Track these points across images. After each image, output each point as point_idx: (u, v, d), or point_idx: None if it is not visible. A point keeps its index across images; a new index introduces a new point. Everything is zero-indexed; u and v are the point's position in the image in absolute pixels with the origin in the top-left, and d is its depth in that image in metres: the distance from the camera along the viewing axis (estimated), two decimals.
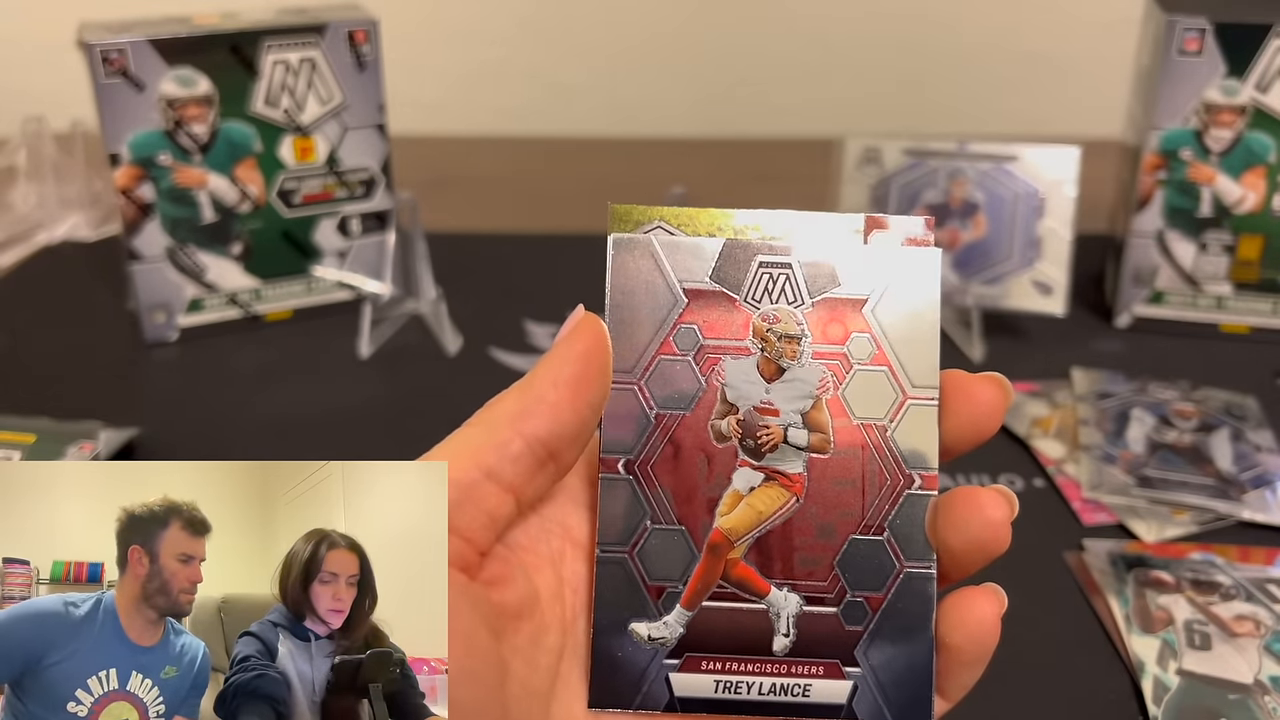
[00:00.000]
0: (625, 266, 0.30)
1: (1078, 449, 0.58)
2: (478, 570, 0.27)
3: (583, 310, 0.29)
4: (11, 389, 0.65)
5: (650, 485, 0.30)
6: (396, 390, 0.65)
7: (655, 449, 0.30)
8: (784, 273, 0.30)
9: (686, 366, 0.30)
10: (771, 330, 0.30)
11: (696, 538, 0.30)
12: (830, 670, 0.30)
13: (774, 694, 0.30)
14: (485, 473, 0.27)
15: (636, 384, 0.30)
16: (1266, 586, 0.48)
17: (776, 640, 0.30)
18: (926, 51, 1.05)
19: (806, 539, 0.30)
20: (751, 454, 0.30)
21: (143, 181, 0.66)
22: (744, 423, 0.30)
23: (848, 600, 0.30)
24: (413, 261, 0.71)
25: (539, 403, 0.28)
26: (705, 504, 0.30)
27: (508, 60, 1.08)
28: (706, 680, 0.30)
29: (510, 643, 0.27)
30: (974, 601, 0.29)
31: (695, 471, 0.30)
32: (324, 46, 0.68)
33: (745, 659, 0.30)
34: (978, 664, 0.29)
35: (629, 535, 0.30)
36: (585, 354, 0.29)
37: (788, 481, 0.30)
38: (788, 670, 0.30)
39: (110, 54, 0.63)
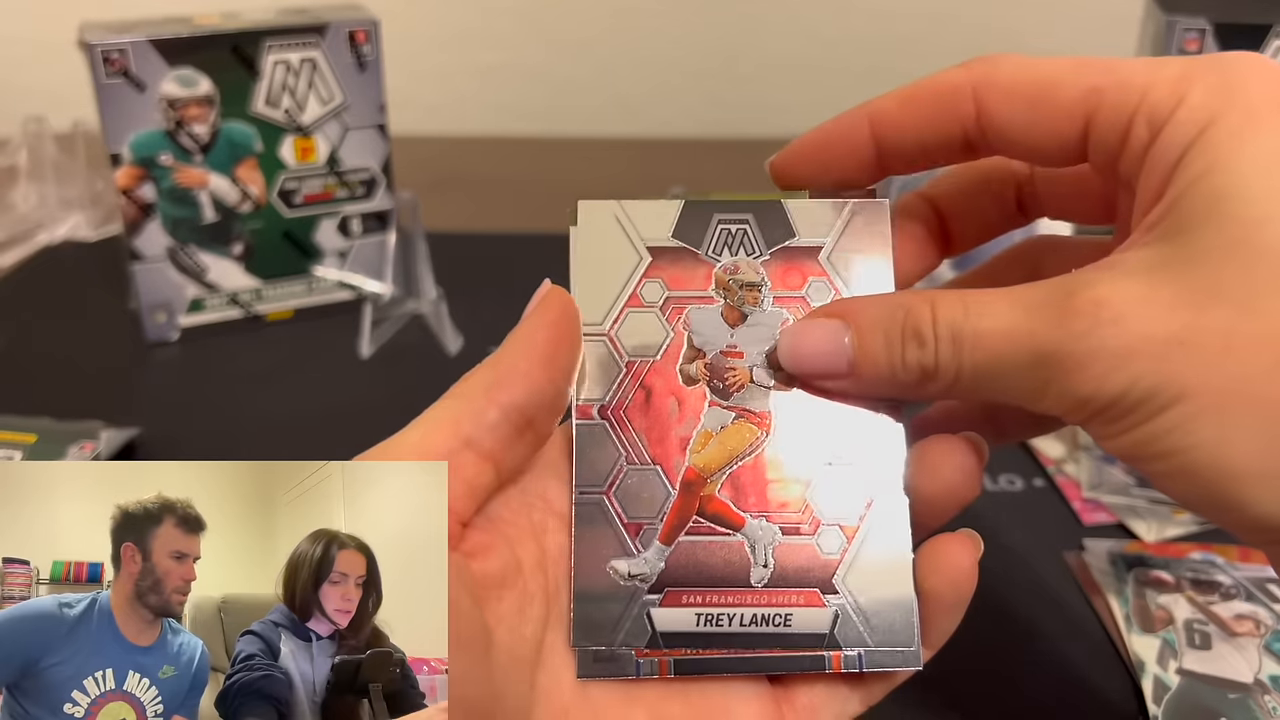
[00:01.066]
0: (591, 228, 0.32)
1: (1078, 449, 0.58)
2: (459, 540, 0.27)
3: (549, 284, 0.30)
4: (12, 389, 0.65)
5: (624, 428, 0.31)
6: (397, 390, 0.65)
7: (627, 394, 0.31)
8: (742, 227, 0.32)
9: (654, 317, 0.32)
10: (733, 279, 0.32)
11: (671, 476, 0.31)
12: (810, 599, 0.30)
13: (756, 625, 0.30)
14: (463, 441, 0.27)
15: (607, 334, 0.31)
16: (1266, 586, 0.48)
17: (755, 571, 0.30)
18: (927, 51, 1.05)
19: (778, 472, 0.31)
20: (720, 395, 0.31)
21: (144, 181, 0.66)
22: (711, 366, 0.31)
23: (822, 529, 0.30)
24: (413, 261, 0.71)
25: (512, 372, 0.28)
26: (678, 443, 0.31)
27: (508, 60, 1.08)
28: (688, 614, 0.30)
29: (494, 611, 0.27)
30: (949, 548, 0.30)
31: (667, 413, 0.31)
32: (325, 47, 0.68)
33: (725, 591, 0.30)
34: (956, 609, 0.30)
35: (605, 477, 0.31)
36: (555, 322, 0.29)
37: (756, 419, 0.31)
38: (768, 600, 0.30)
39: (111, 54, 0.63)
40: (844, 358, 0.30)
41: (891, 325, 0.29)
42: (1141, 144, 0.27)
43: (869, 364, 0.29)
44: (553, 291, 0.30)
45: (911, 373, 0.29)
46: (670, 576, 0.30)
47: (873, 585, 0.30)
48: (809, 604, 0.30)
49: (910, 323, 0.28)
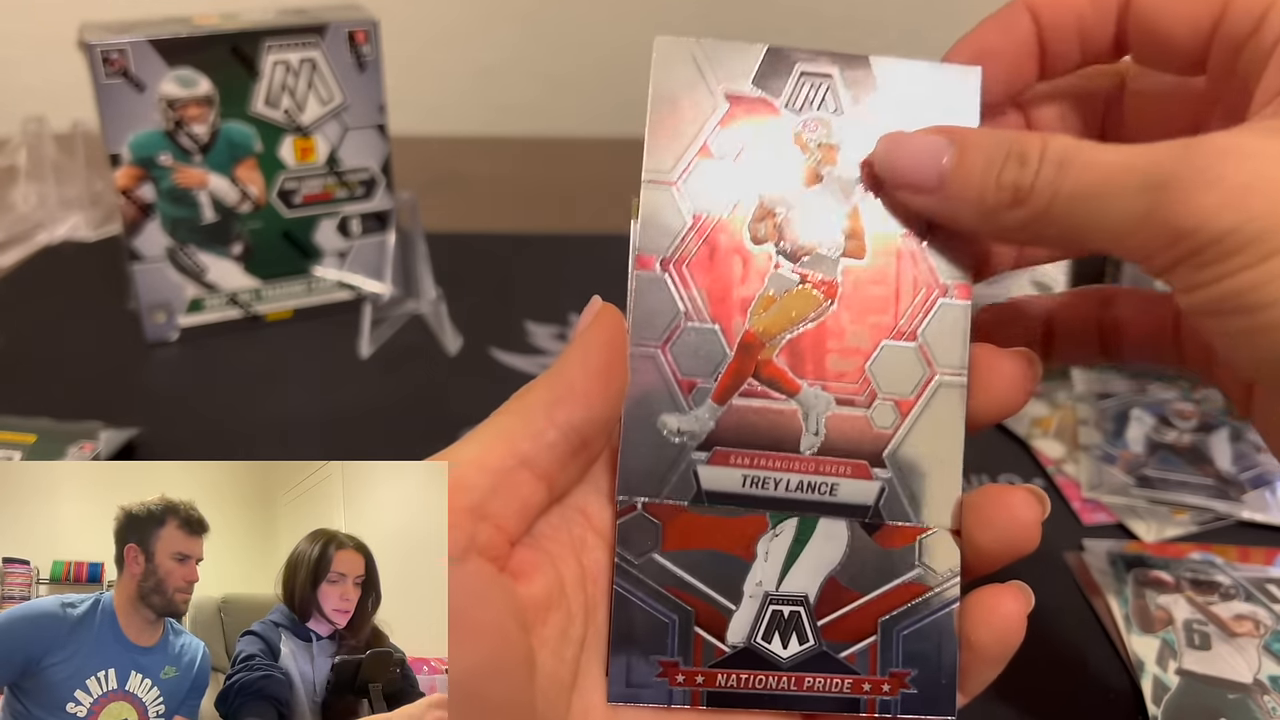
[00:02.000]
0: (667, 70, 0.31)
1: (1077, 449, 0.59)
2: (506, 560, 0.27)
3: (599, 301, 0.30)
4: (11, 389, 0.65)
5: (685, 284, 0.30)
6: (396, 390, 0.65)
7: (691, 249, 0.30)
8: (825, 81, 0.30)
9: (725, 169, 0.30)
10: (811, 137, 0.30)
11: (729, 336, 0.30)
12: (858, 470, 0.30)
13: (801, 491, 0.30)
14: (520, 460, 0.27)
15: (674, 185, 0.30)
16: (1266, 586, 0.48)
17: (805, 439, 0.30)
18: (927, 51, 1.05)
19: (839, 342, 0.30)
20: (787, 258, 0.30)
21: (143, 182, 0.66)
22: (781, 227, 0.30)
23: (878, 402, 0.30)
24: (413, 261, 0.71)
25: (570, 391, 0.28)
26: (739, 304, 0.30)
27: (508, 60, 1.08)
28: (734, 474, 0.30)
29: (539, 635, 0.27)
30: (1000, 599, 0.29)
31: (730, 272, 0.30)
32: (324, 47, 0.68)
33: (774, 455, 0.30)
34: (999, 661, 0.29)
35: (662, 331, 0.30)
36: (609, 343, 0.29)
37: (822, 285, 0.30)
38: (816, 468, 0.30)
39: (111, 54, 0.63)
40: (936, 170, 0.29)
41: (996, 148, 0.28)
42: (1275, 34, 0.27)
43: (961, 180, 0.28)
44: (604, 310, 0.29)
45: (1003, 193, 0.28)
46: (720, 436, 0.30)
47: (922, 462, 0.29)
48: (856, 475, 0.30)
49: (1017, 146, 0.28)
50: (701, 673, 0.29)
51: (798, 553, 0.30)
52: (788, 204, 0.30)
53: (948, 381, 0.30)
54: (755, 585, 0.30)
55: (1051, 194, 0.27)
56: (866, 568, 0.30)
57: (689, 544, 0.30)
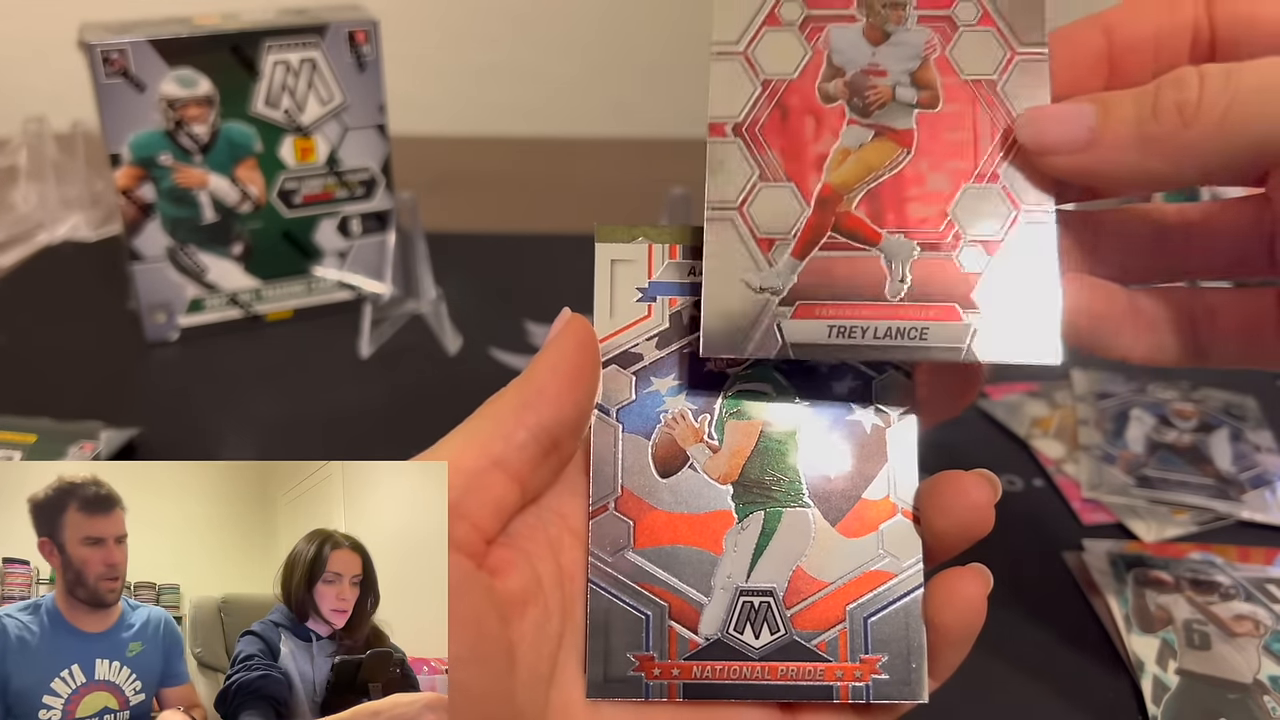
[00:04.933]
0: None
1: (1077, 449, 0.59)
2: (483, 558, 0.28)
3: (569, 312, 0.31)
4: (12, 389, 0.65)
5: (759, 146, 0.30)
6: (396, 390, 0.65)
7: (762, 113, 0.30)
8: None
9: (791, 35, 0.31)
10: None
11: (806, 192, 0.30)
12: (948, 313, 0.30)
13: (890, 337, 0.29)
14: (493, 461, 0.28)
15: (743, 54, 0.31)
16: (1266, 586, 0.48)
17: (890, 285, 0.30)
18: None
19: (919, 189, 0.30)
20: (860, 113, 0.30)
21: (143, 182, 0.66)
22: (851, 84, 0.31)
23: (964, 245, 0.30)
24: (413, 261, 0.71)
25: (540, 394, 0.29)
26: (814, 160, 0.30)
27: (507, 60, 1.08)
28: (820, 326, 0.30)
29: (517, 628, 0.28)
30: (960, 582, 0.30)
31: (803, 131, 0.30)
32: (324, 47, 0.68)
33: (860, 304, 0.30)
34: (964, 643, 0.30)
35: (739, 193, 0.30)
36: (578, 348, 0.30)
37: (897, 136, 0.30)
38: (904, 314, 0.30)
39: (111, 54, 0.63)
40: (1085, 128, 0.29)
41: (1141, 92, 0.28)
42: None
43: (1114, 127, 0.28)
44: (574, 318, 0.31)
45: (1165, 116, 0.28)
46: (802, 290, 0.30)
47: (1014, 300, 0.29)
48: (946, 318, 0.29)
49: (1167, 79, 0.28)
50: (677, 665, 0.30)
51: (765, 545, 0.30)
52: (856, 63, 0.31)
53: (1033, 214, 0.30)
54: (725, 578, 0.30)
55: (1229, 99, 0.27)
56: (832, 557, 0.30)
57: (660, 540, 0.30)
